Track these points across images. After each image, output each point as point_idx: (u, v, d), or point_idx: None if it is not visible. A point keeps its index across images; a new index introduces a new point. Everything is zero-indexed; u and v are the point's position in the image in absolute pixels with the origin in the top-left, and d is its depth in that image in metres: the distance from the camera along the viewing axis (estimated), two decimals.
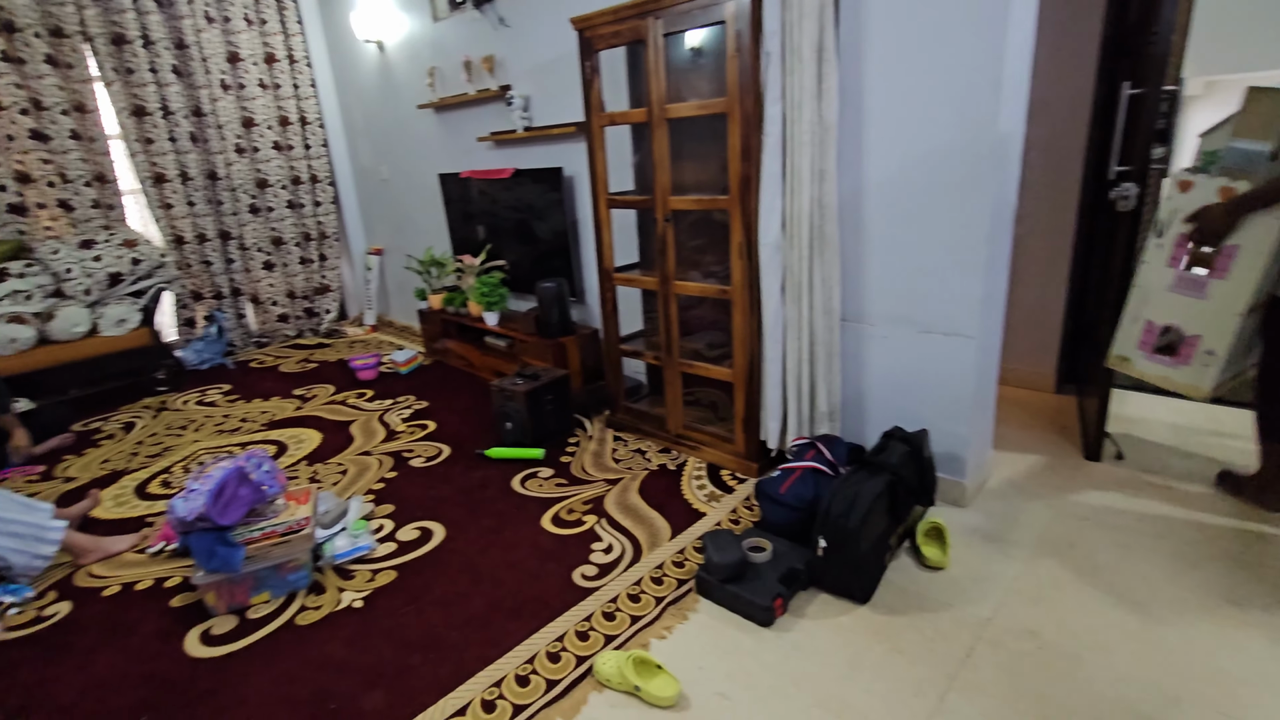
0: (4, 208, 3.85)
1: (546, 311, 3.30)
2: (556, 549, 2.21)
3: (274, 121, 4.74)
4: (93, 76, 4.02)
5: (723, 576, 1.87)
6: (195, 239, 4.52)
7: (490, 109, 3.71)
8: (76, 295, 3.82)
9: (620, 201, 2.76)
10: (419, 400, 3.63)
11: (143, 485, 2.87)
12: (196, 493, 1.98)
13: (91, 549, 2.30)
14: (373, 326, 5.28)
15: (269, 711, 1.63)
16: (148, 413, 3.75)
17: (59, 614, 2.06)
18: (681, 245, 2.73)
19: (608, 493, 2.54)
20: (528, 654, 1.76)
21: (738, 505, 2.40)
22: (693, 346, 2.83)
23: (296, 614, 1.98)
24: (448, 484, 2.69)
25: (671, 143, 2.46)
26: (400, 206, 4.84)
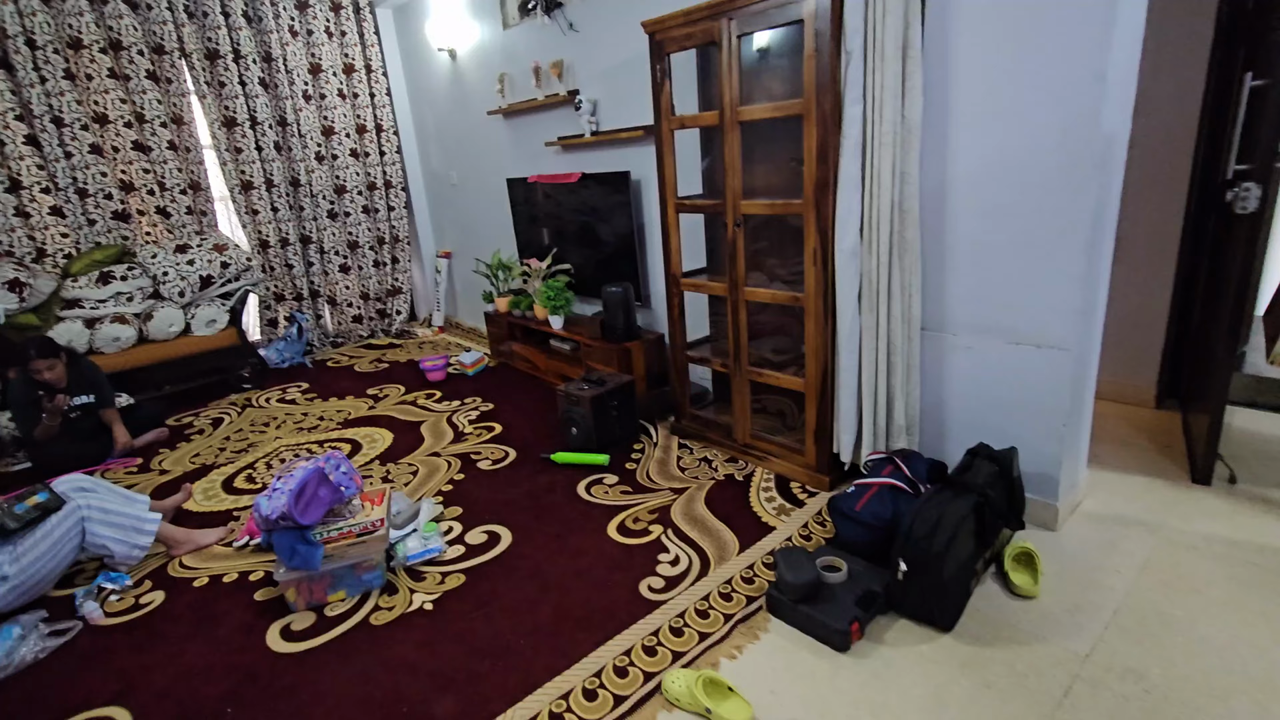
0: (110, 214, 4.13)
1: (612, 316, 3.29)
2: (623, 559, 2.19)
3: (351, 129, 4.92)
4: (188, 90, 4.26)
5: (796, 596, 1.81)
6: (278, 243, 4.73)
7: (558, 114, 3.73)
8: (172, 297, 4.05)
9: (689, 206, 2.72)
10: (485, 402, 3.68)
11: (229, 480, 3.02)
12: (279, 492, 2.05)
13: (183, 541, 2.43)
14: (441, 328, 5.41)
15: (346, 711, 1.67)
16: (234, 409, 3.95)
17: (154, 602, 2.17)
18: (751, 250, 2.66)
19: (673, 502, 2.50)
20: (595, 667, 1.74)
21: (809, 520, 2.32)
22: (757, 353, 2.76)
23: (371, 613, 2.02)
24: (514, 488, 2.72)
25: (743, 146, 2.40)
26: (469, 211, 4.94)
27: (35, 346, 3.10)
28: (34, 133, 3.80)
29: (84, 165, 3.99)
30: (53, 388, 3.16)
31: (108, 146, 4.08)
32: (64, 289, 3.81)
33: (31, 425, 3.14)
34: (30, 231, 3.88)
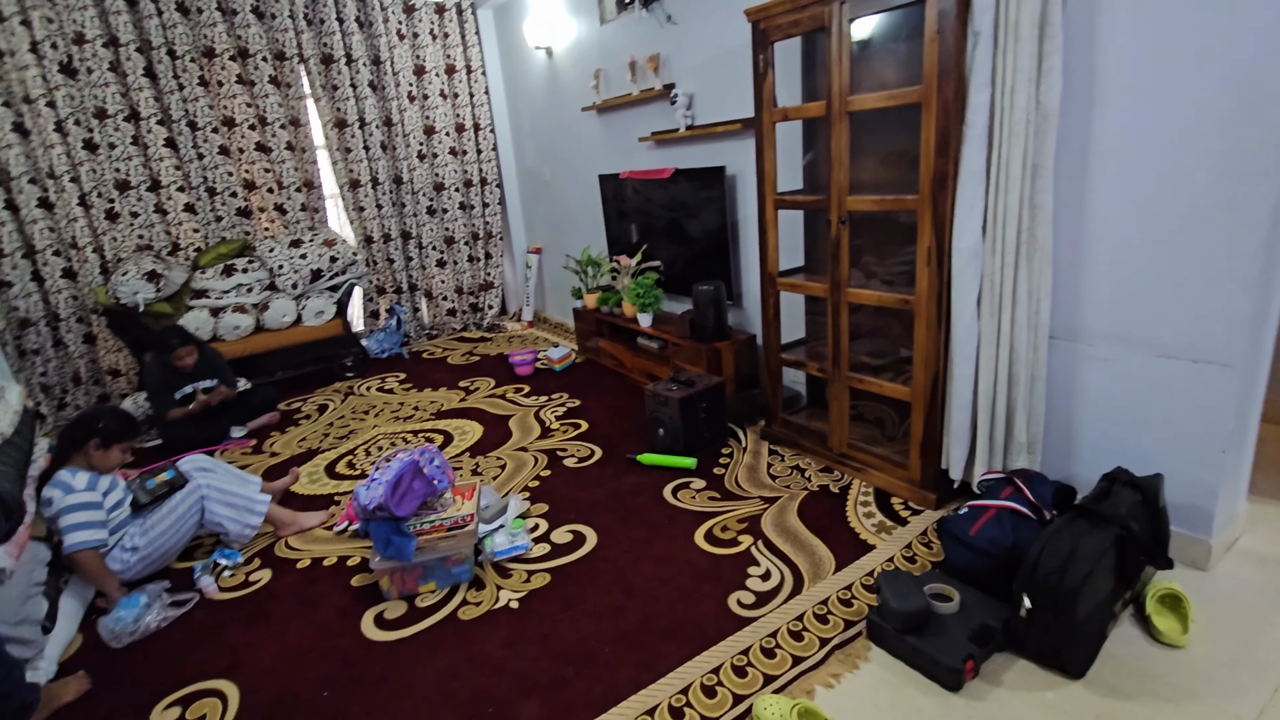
0: (234, 211, 4.44)
1: (702, 315, 3.20)
2: (711, 569, 2.10)
3: (451, 128, 5.06)
4: (305, 94, 4.51)
5: (901, 625, 1.66)
6: (381, 238, 4.94)
7: (652, 109, 3.68)
8: (286, 289, 4.31)
9: (789, 202, 2.59)
10: (572, 398, 3.69)
11: (332, 465, 3.16)
12: (377, 482, 2.11)
13: (289, 522, 2.55)
14: (530, 323, 5.49)
15: (433, 706, 1.68)
16: (338, 396, 4.15)
17: (261, 581, 2.29)
18: (854, 249, 2.50)
19: (764, 512, 2.39)
20: (682, 683, 1.67)
21: (913, 541, 2.15)
22: (854, 356, 2.60)
23: (459, 607, 2.04)
24: (600, 487, 2.69)
25: (850, 138, 2.25)
26: (560, 207, 4.98)
27: (176, 336, 3.37)
28: (172, 136, 4.12)
29: (213, 165, 4.30)
30: (185, 373, 3.42)
31: (234, 148, 4.38)
32: (193, 280, 4.13)
33: (164, 406, 3.41)
34: (167, 227, 4.22)
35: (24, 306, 3.88)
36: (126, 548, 2.25)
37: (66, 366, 4.10)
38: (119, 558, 2.23)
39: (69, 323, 4.02)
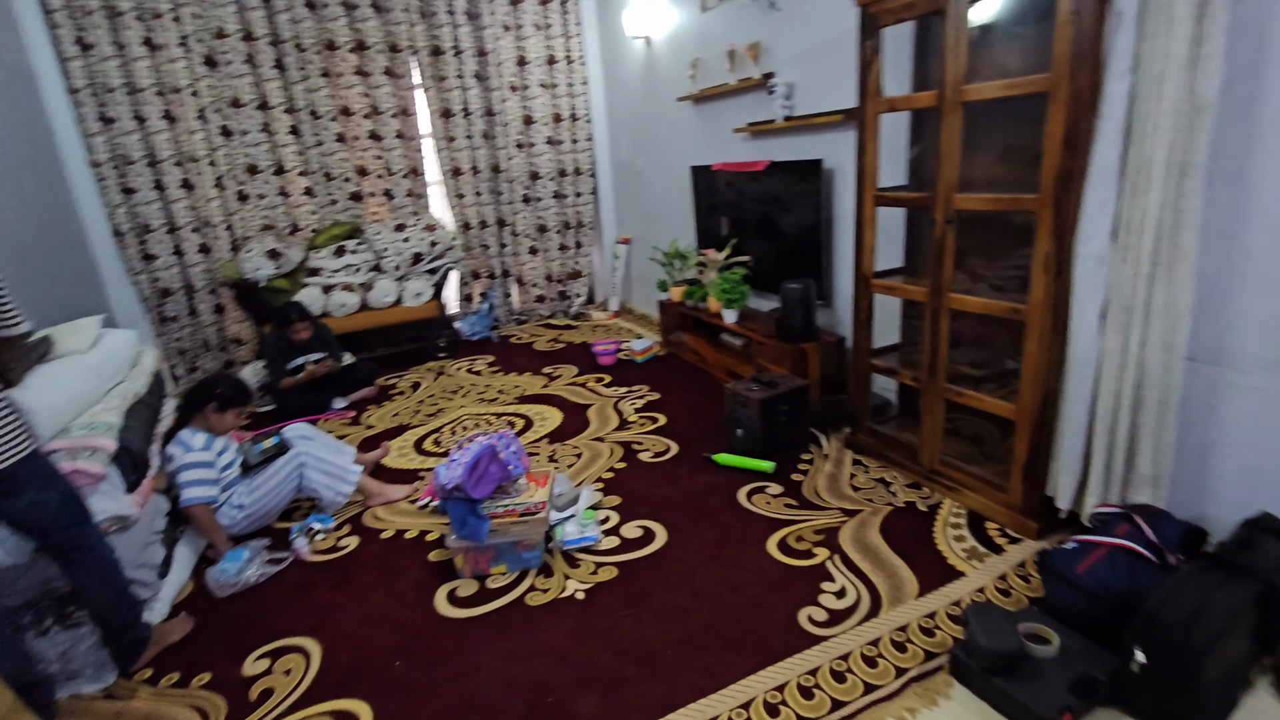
0: (347, 195, 4.71)
1: (789, 313, 3.08)
2: (782, 580, 2.02)
3: (549, 118, 5.14)
4: (415, 84, 4.70)
5: (990, 665, 1.53)
6: (478, 225, 5.11)
7: (749, 99, 3.57)
8: (389, 270, 4.53)
9: (890, 198, 2.44)
10: (652, 391, 3.67)
11: (420, 441, 3.30)
12: (456, 463, 2.17)
13: (377, 493, 2.68)
14: (615, 313, 5.52)
15: (494, 688, 1.71)
16: (430, 374, 4.34)
17: (349, 547, 2.42)
18: (960, 251, 2.32)
19: (843, 525, 2.27)
20: (744, 697, 1.61)
21: (1008, 572, 1.98)
22: (954, 367, 2.41)
23: (527, 593, 2.07)
24: (673, 484, 2.65)
25: (963, 131, 2.07)
26: (650, 198, 4.96)
27: (296, 311, 3.64)
28: (296, 124, 4.41)
29: (330, 152, 4.58)
30: (299, 345, 3.69)
31: (349, 136, 4.64)
32: (308, 259, 4.42)
33: (279, 375, 3.68)
34: (288, 208, 4.54)
35: (165, 277, 4.28)
36: (234, 505, 2.43)
37: (198, 334, 4.50)
38: (227, 514, 2.41)
39: (202, 294, 4.41)
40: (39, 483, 1.65)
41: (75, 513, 1.74)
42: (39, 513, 1.65)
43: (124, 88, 3.91)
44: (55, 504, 1.68)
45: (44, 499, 1.65)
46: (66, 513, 1.71)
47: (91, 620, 1.81)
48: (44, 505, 1.65)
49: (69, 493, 1.73)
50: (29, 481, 1.62)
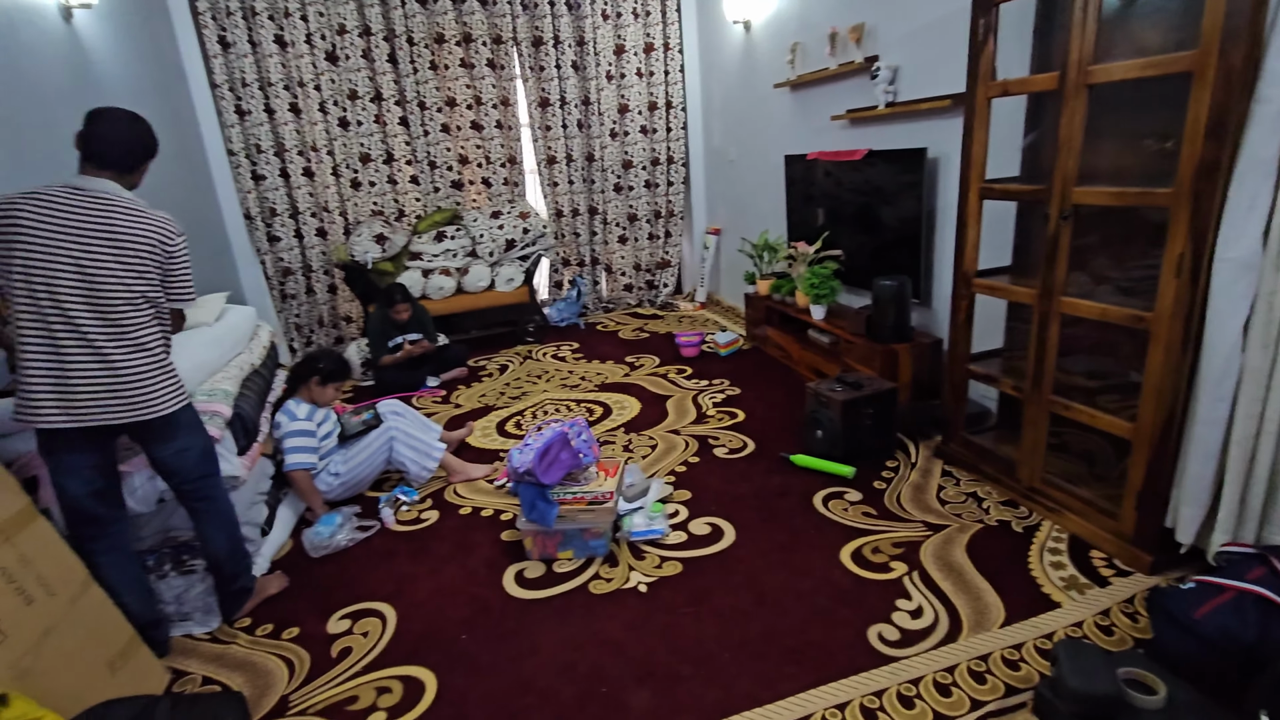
0: (449, 183, 4.92)
1: (881, 312, 2.92)
2: (853, 592, 1.93)
3: (644, 107, 5.13)
4: (515, 75, 4.83)
5: (1080, 709, 1.39)
6: (570, 213, 5.19)
7: (850, 84, 3.39)
8: (484, 256, 4.70)
9: (998, 191, 2.24)
10: (732, 386, 3.60)
11: (503, 423, 3.41)
12: (529, 448, 2.21)
13: (459, 470, 2.80)
14: (701, 304, 5.46)
15: (551, 673, 1.74)
16: (517, 358, 4.47)
17: (430, 520, 2.54)
18: (1077, 251, 2.10)
19: (926, 540, 2.14)
20: (801, 711, 1.55)
21: (1112, 608, 1.79)
22: (1065, 377, 2.20)
23: (591, 580, 2.09)
24: (746, 483, 2.59)
25: (1087, 117, 1.87)
26: (742, 188, 4.85)
27: (400, 292, 3.87)
28: (405, 115, 4.65)
29: (435, 142, 4.79)
30: (399, 324, 3.91)
31: (453, 126, 4.83)
32: (411, 243, 4.66)
33: (380, 352, 3.91)
34: (395, 195, 4.80)
35: (287, 258, 4.64)
36: (331, 472, 2.61)
37: (314, 311, 4.85)
38: (325, 480, 2.59)
39: (318, 274, 4.75)
40: (189, 431, 1.84)
41: (211, 465, 1.93)
42: (183, 460, 1.83)
43: (256, 82, 4.25)
44: (198, 453, 1.87)
45: (191, 446, 1.84)
46: (205, 463, 1.90)
47: (207, 567, 2.01)
48: (189, 453, 1.84)
49: (209, 446, 1.93)
50: (182, 428, 1.81)
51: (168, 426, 1.76)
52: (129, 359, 1.66)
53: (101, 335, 1.62)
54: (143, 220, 1.68)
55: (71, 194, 1.61)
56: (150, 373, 1.70)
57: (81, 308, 1.60)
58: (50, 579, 1.53)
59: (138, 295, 1.67)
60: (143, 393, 1.68)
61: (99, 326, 1.62)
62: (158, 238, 1.69)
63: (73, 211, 1.60)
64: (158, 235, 1.69)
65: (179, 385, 1.79)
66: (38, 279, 1.57)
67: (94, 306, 1.61)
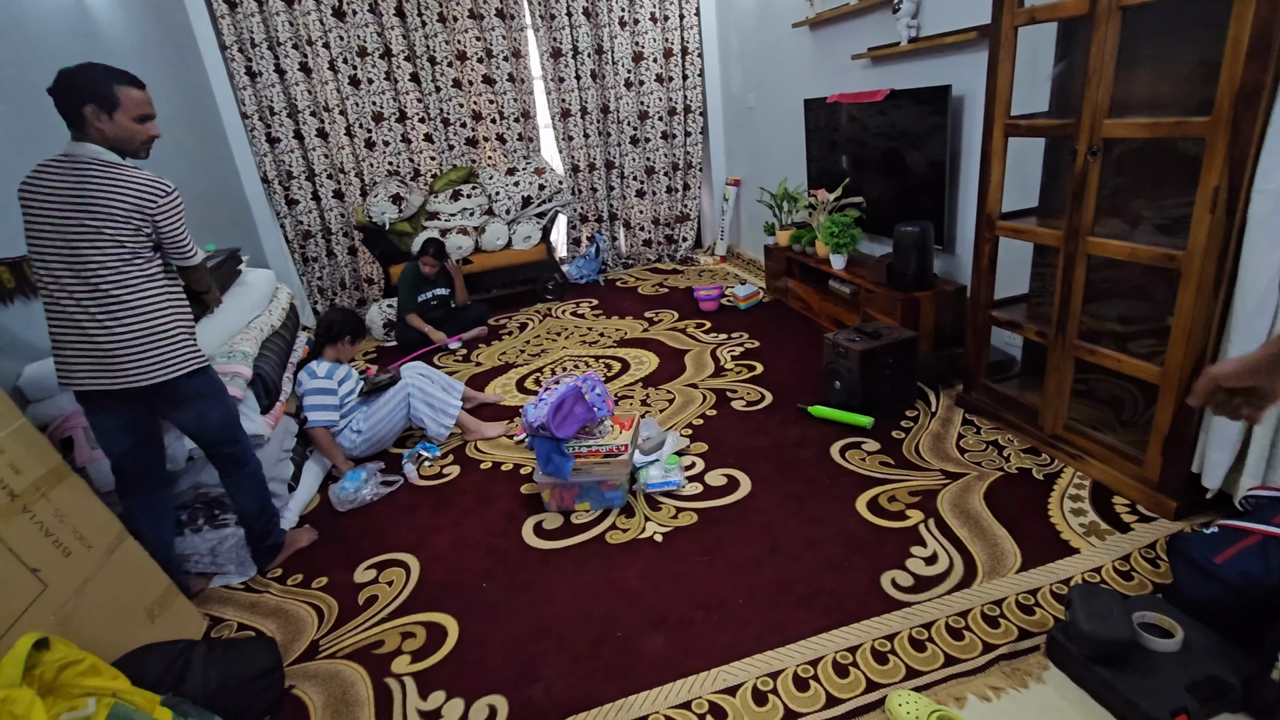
0: (463, 141, 4.86)
1: (902, 259, 2.84)
2: (868, 540, 1.93)
3: (659, 54, 4.97)
4: (526, 25, 4.70)
5: (1092, 652, 1.38)
6: (586, 168, 5.11)
7: (871, 21, 3.23)
8: (500, 214, 4.67)
9: (1024, 127, 2.14)
10: (751, 339, 3.57)
11: (522, 380, 3.43)
12: (543, 402, 2.23)
13: (474, 429, 2.84)
14: (722, 257, 5.38)
15: (567, 618, 1.78)
16: (537, 316, 4.48)
17: (451, 475, 2.59)
18: (1110, 190, 2.01)
19: (944, 488, 2.12)
20: (812, 654, 1.57)
21: (1133, 553, 1.76)
22: (1093, 322, 2.13)
23: (608, 530, 2.12)
24: (763, 435, 2.58)
25: (1120, 42, 1.75)
26: (761, 135, 4.71)
27: (433, 246, 3.93)
28: (416, 70, 4.58)
29: (448, 98, 4.72)
30: (428, 279, 3.97)
31: (465, 80, 4.75)
32: (428, 203, 4.64)
33: (408, 305, 3.96)
34: (410, 155, 4.77)
35: (306, 221, 4.67)
36: (354, 430, 2.67)
37: (335, 273, 4.90)
38: (348, 437, 2.66)
39: (338, 236, 4.78)
40: (204, 398, 1.84)
41: (232, 431, 1.95)
42: (203, 425, 1.87)
43: (265, 42, 4.21)
44: (218, 418, 1.90)
45: (208, 412, 1.86)
46: (226, 429, 1.93)
47: (238, 523, 2.08)
48: (208, 419, 1.86)
49: (230, 411, 1.95)
50: (193, 395, 1.81)
51: (175, 393, 1.76)
52: (115, 325, 1.65)
53: (88, 300, 1.63)
54: (120, 182, 1.62)
55: (59, 162, 1.63)
56: (141, 339, 1.67)
57: (68, 275, 1.62)
58: (86, 532, 1.61)
59: (119, 260, 1.64)
60: (131, 359, 1.67)
61: (85, 292, 1.62)
62: (136, 200, 1.63)
63: (55, 179, 1.61)
64: (136, 197, 1.63)
65: (182, 351, 1.74)
66: (41, 248, 1.62)
67: (77, 273, 1.62)
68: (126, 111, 1.65)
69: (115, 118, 1.64)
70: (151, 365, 1.70)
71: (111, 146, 1.66)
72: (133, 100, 1.67)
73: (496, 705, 1.55)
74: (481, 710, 1.54)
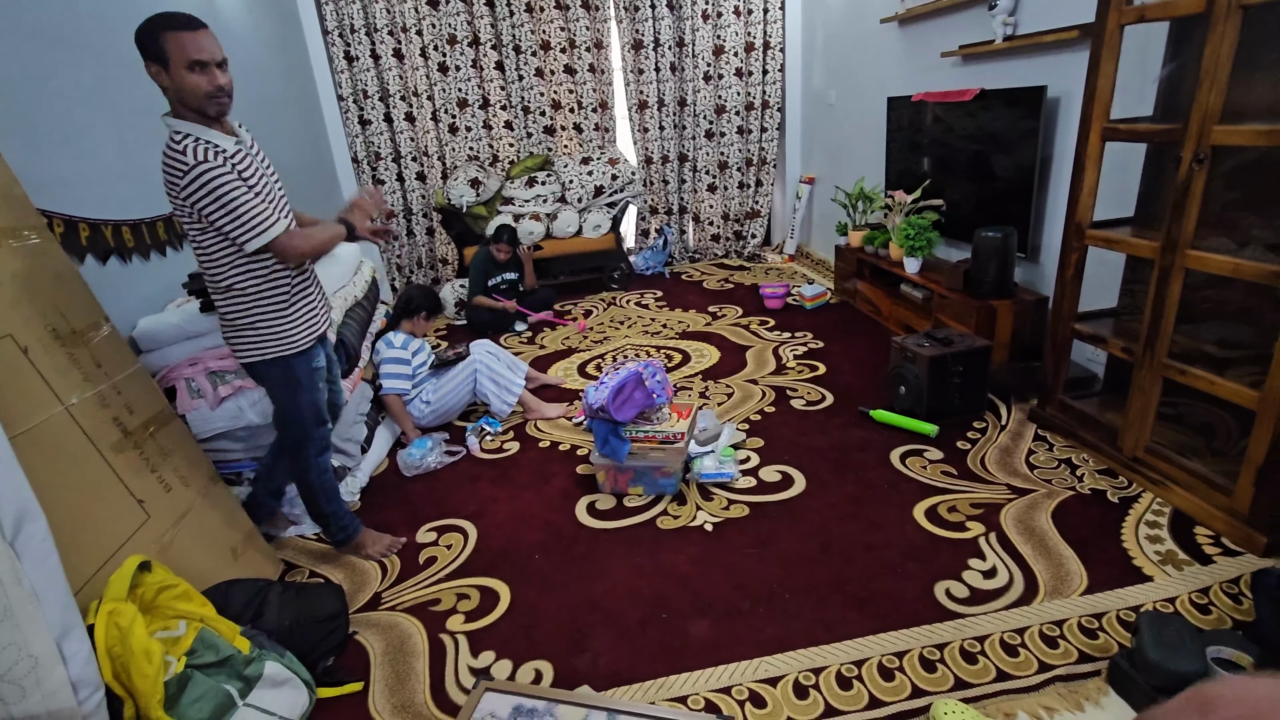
0: (541, 129, 4.97)
1: (981, 265, 2.75)
2: (925, 548, 1.89)
3: (740, 48, 4.93)
4: (609, 16, 4.76)
5: (1160, 681, 1.32)
6: (660, 160, 5.13)
7: (964, 18, 3.12)
8: (573, 202, 4.76)
9: (1124, 131, 2.03)
10: (815, 339, 3.52)
11: (584, 365, 3.50)
12: (605, 386, 2.28)
13: (535, 409, 2.92)
14: (791, 256, 5.31)
15: (617, 595, 1.83)
16: (602, 304, 4.54)
17: (511, 450, 2.68)
18: (1219, 202, 1.88)
19: (1009, 503, 2.05)
20: (858, 655, 1.56)
21: (1214, 586, 1.66)
22: (1191, 343, 2.00)
23: (659, 516, 2.15)
24: (822, 435, 2.56)
25: (1236, 42, 1.64)
26: (840, 133, 4.61)
27: (507, 232, 4.04)
28: (501, 59, 4.71)
29: (529, 86, 4.83)
30: (499, 264, 4.09)
31: (547, 70, 4.85)
32: (504, 188, 4.78)
33: (478, 288, 4.09)
34: (490, 140, 4.92)
35: (390, 200, 4.88)
36: (423, 400, 2.80)
37: (414, 252, 5.11)
38: (417, 407, 2.79)
39: (418, 217, 4.98)
40: (267, 387, 1.83)
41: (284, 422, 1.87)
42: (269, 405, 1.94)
43: (364, 27, 4.42)
44: (277, 407, 1.86)
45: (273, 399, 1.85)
46: (279, 418, 1.88)
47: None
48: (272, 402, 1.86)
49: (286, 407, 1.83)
50: (261, 380, 1.81)
51: (251, 372, 1.79)
52: (217, 299, 1.69)
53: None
54: (163, 161, 1.51)
55: None
56: (230, 317, 1.68)
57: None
58: (185, 472, 1.76)
59: (193, 241, 1.60)
60: (225, 333, 1.73)
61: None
62: (167, 181, 1.52)
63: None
64: (166, 178, 1.52)
65: (255, 338, 1.70)
66: None
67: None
68: (177, 61, 1.45)
69: (171, 72, 1.46)
70: (237, 343, 1.73)
71: (185, 108, 1.51)
72: (179, 45, 1.45)
73: (543, 670, 1.60)
74: (528, 673, 1.60)
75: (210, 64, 1.49)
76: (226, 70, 1.54)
